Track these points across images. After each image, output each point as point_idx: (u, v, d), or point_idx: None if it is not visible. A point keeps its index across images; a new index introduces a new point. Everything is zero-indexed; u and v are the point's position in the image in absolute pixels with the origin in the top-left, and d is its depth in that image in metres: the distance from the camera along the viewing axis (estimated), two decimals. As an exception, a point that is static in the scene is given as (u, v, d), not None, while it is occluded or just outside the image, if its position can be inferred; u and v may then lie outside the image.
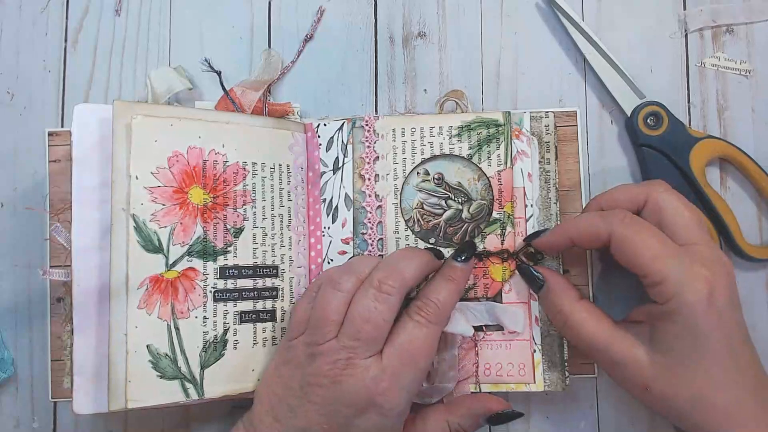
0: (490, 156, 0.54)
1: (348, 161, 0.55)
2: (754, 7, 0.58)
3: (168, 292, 0.49)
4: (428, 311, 0.48)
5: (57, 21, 0.60)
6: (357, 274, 0.49)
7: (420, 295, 0.49)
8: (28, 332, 0.57)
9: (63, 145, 0.56)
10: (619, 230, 0.46)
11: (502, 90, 0.59)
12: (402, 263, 0.49)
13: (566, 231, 0.50)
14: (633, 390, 0.48)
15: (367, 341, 0.46)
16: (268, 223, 0.53)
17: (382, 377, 0.46)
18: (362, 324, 0.46)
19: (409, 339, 0.47)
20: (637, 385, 0.47)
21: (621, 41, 0.58)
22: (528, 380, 0.53)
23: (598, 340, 0.47)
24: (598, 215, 0.48)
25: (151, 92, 0.57)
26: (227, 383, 0.50)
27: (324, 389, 0.46)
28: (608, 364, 0.48)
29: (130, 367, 0.47)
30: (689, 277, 0.44)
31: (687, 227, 0.46)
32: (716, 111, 0.58)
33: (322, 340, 0.47)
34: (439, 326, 0.49)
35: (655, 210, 0.47)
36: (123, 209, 0.48)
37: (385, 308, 0.47)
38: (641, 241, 0.45)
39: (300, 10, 0.60)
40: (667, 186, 0.48)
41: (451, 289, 0.50)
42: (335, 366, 0.46)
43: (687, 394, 0.45)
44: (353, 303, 0.47)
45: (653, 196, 0.47)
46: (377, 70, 0.60)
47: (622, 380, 0.48)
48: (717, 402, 0.44)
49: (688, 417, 0.45)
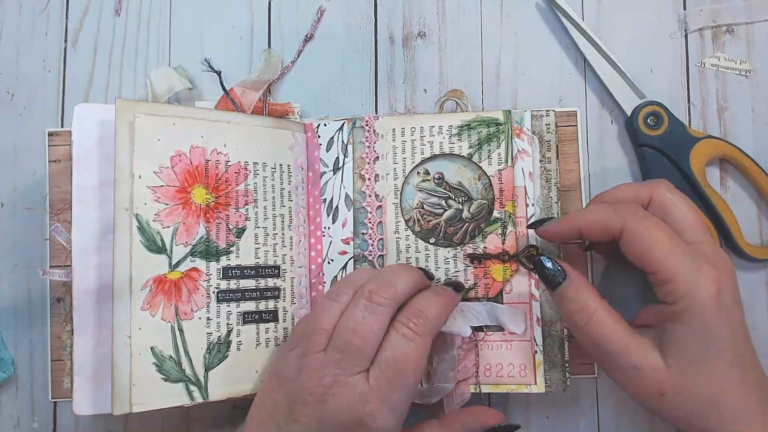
0: (491, 155, 0.54)
1: (348, 161, 0.55)
2: (754, 7, 0.58)
3: (171, 293, 0.49)
4: (416, 322, 0.46)
5: (57, 21, 0.60)
6: (355, 286, 0.48)
7: (407, 306, 0.48)
8: (28, 332, 0.57)
9: (63, 145, 0.56)
10: (632, 224, 0.45)
11: (502, 90, 0.59)
12: (395, 277, 0.48)
13: (576, 221, 0.48)
14: (645, 397, 0.46)
15: (355, 354, 0.45)
16: (270, 223, 0.53)
17: (369, 397, 0.45)
18: (350, 335, 0.45)
19: (395, 353, 0.45)
20: (652, 391, 0.45)
21: (621, 41, 0.59)
22: (529, 381, 0.53)
23: (615, 343, 0.45)
24: (611, 207, 0.47)
25: (151, 92, 0.57)
26: (231, 385, 0.50)
27: (310, 408, 0.45)
28: (621, 369, 0.46)
29: (134, 370, 0.47)
30: (699, 275, 0.43)
31: (692, 226, 0.46)
32: (716, 111, 0.58)
33: (312, 351, 0.46)
34: (427, 339, 0.47)
35: (660, 209, 0.47)
36: (126, 209, 0.48)
37: (374, 319, 0.46)
38: (654, 236, 0.45)
39: (300, 10, 0.60)
40: (670, 185, 0.48)
41: (440, 304, 0.48)
42: (321, 384, 0.45)
43: (701, 397, 0.44)
44: (344, 314, 0.47)
45: (658, 195, 0.47)
46: (377, 70, 0.60)
47: (635, 386, 0.46)
48: (728, 403, 0.44)
49: (702, 421, 0.44)
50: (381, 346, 0.46)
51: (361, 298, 0.47)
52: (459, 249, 0.54)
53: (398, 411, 0.46)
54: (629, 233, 0.45)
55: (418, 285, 0.49)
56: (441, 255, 0.54)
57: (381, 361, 0.45)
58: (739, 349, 0.44)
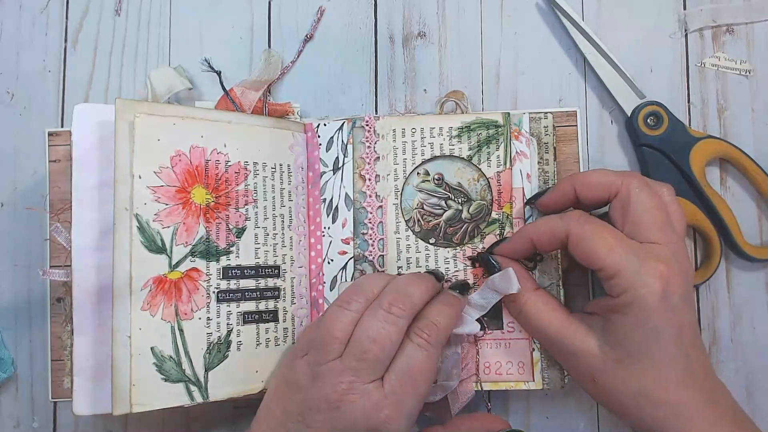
0: (490, 157, 0.54)
1: (348, 161, 0.55)
2: (754, 7, 0.58)
3: (171, 293, 0.49)
4: (429, 333, 0.47)
5: (57, 21, 0.60)
6: (365, 294, 0.48)
7: (420, 317, 0.49)
8: (28, 332, 0.57)
9: (63, 145, 0.56)
10: (575, 228, 0.46)
11: (502, 90, 0.59)
12: (410, 288, 0.48)
13: (526, 234, 0.50)
14: (581, 381, 0.49)
15: (372, 362, 0.46)
16: (270, 223, 0.53)
17: (384, 404, 0.45)
18: (369, 344, 0.46)
19: (409, 362, 0.46)
20: (585, 376, 0.47)
21: (621, 41, 0.59)
22: (527, 378, 0.53)
23: (550, 330, 0.48)
24: (557, 217, 0.48)
25: (151, 92, 0.57)
26: (231, 385, 0.50)
27: (324, 415, 0.45)
28: (560, 354, 0.49)
29: (134, 370, 0.47)
30: (644, 271, 0.44)
31: (649, 226, 0.46)
32: (716, 111, 0.58)
33: (326, 359, 0.46)
34: (438, 349, 0.48)
35: (624, 203, 0.47)
36: (126, 209, 0.47)
37: (393, 330, 0.46)
38: (597, 236, 0.45)
39: (300, 10, 0.60)
40: (643, 180, 0.47)
41: (450, 314, 0.49)
42: (336, 390, 0.45)
43: (633, 388, 0.45)
44: (360, 323, 0.47)
45: (625, 188, 0.47)
46: (377, 70, 0.60)
47: (573, 370, 0.49)
48: (666, 399, 0.44)
49: (633, 411, 0.46)
50: (395, 355, 0.47)
51: (379, 308, 0.47)
52: (459, 249, 0.54)
53: (411, 418, 0.47)
54: (574, 236, 0.46)
55: (431, 293, 0.50)
56: (441, 255, 0.54)
57: (396, 369, 0.46)
58: (684, 348, 0.45)
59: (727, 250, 0.56)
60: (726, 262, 0.57)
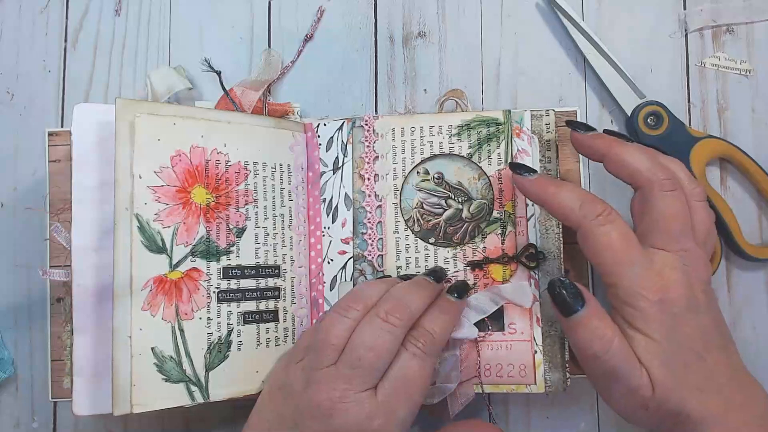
0: (491, 155, 0.54)
1: (348, 161, 0.55)
2: (754, 7, 0.58)
3: (172, 293, 0.49)
4: (425, 342, 0.47)
5: (57, 21, 0.60)
6: (364, 301, 0.48)
7: (417, 326, 0.48)
8: (28, 332, 0.57)
9: (63, 145, 0.56)
10: (589, 225, 0.45)
11: (502, 90, 0.59)
12: (409, 297, 0.48)
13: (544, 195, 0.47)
14: (631, 411, 0.46)
15: (367, 371, 0.45)
16: (270, 223, 0.53)
17: (377, 413, 0.45)
18: (364, 352, 0.45)
19: (404, 371, 0.46)
20: (639, 406, 0.45)
21: (621, 41, 0.59)
22: (529, 381, 0.52)
23: (627, 369, 0.44)
24: (579, 199, 0.46)
25: (151, 92, 0.57)
26: (232, 385, 0.50)
27: (317, 422, 0.45)
28: (622, 389, 0.45)
29: (134, 370, 0.47)
30: (639, 285, 0.44)
31: (662, 233, 0.45)
32: (716, 111, 0.58)
33: (321, 366, 0.46)
34: (433, 358, 0.48)
35: (646, 200, 0.46)
36: (126, 209, 0.47)
37: (389, 339, 0.46)
38: (605, 243, 0.45)
39: (300, 10, 0.60)
40: (672, 183, 0.46)
41: (446, 321, 0.49)
42: (329, 398, 0.45)
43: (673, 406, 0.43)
44: (357, 331, 0.47)
45: (650, 186, 0.46)
46: (377, 70, 0.60)
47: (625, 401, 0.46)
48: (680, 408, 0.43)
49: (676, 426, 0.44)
50: (390, 364, 0.47)
51: (376, 317, 0.47)
52: (459, 249, 0.54)
53: (404, 427, 0.47)
54: (584, 231, 0.46)
55: (430, 301, 0.49)
56: (441, 255, 0.54)
57: (391, 378, 0.46)
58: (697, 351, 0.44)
59: (727, 250, 0.57)
60: (726, 262, 0.57)
